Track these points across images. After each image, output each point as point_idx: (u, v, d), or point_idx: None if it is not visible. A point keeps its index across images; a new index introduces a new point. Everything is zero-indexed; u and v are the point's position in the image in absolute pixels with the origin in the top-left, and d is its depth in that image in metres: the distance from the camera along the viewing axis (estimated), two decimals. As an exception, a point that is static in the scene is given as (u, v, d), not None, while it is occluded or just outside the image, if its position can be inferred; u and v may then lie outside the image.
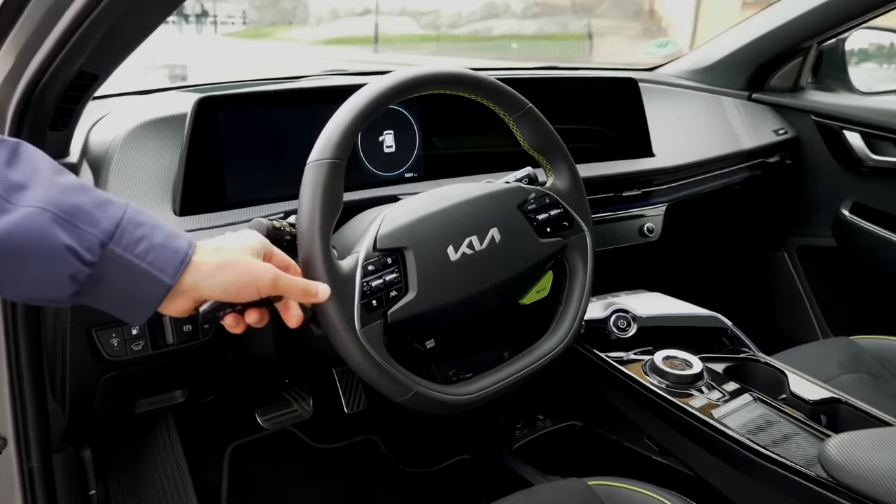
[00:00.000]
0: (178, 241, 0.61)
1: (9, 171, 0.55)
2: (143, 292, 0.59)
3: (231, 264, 0.64)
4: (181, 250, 0.60)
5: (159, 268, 0.59)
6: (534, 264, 0.91)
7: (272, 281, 0.65)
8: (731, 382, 1.11)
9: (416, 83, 0.81)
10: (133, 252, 0.58)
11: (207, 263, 0.62)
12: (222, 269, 0.63)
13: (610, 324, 1.22)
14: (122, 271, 0.58)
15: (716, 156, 1.55)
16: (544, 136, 0.92)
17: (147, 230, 0.59)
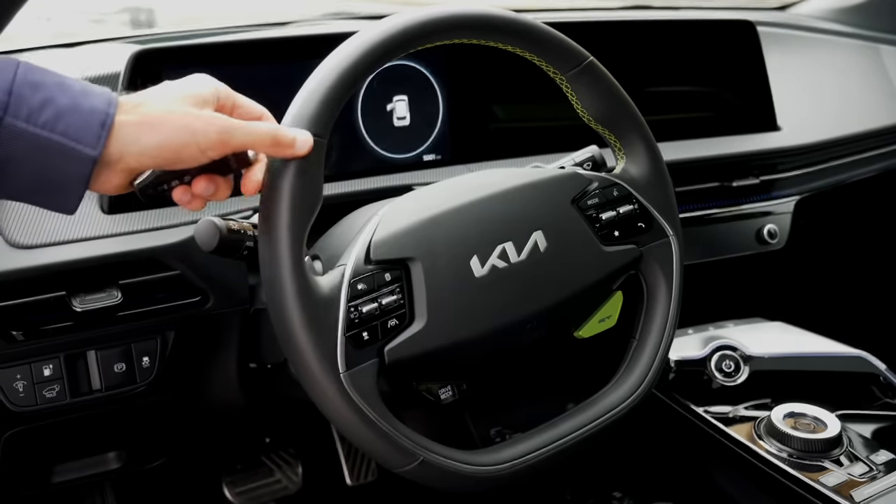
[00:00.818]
0: (92, 99, 0.62)
1: None
2: (62, 172, 0.62)
3: (160, 120, 0.65)
4: (98, 110, 0.62)
5: (74, 137, 0.61)
6: (595, 282, 0.90)
7: (218, 135, 0.67)
8: (883, 452, 1.08)
9: (429, 29, 0.81)
10: (37, 122, 0.59)
11: (130, 123, 0.64)
12: (149, 128, 0.64)
13: (711, 366, 1.20)
14: (30, 149, 0.60)
15: (869, 130, 1.52)
16: (610, 102, 0.91)
17: (50, 92, 0.60)
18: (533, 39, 0.86)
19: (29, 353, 0.92)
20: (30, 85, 0.60)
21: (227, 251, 0.80)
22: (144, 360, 0.98)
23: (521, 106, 1.22)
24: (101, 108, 0.62)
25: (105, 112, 0.62)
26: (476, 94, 1.17)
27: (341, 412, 0.75)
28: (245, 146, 0.70)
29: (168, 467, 1.36)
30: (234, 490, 1.46)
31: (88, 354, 0.95)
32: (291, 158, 0.72)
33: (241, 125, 0.68)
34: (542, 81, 0.95)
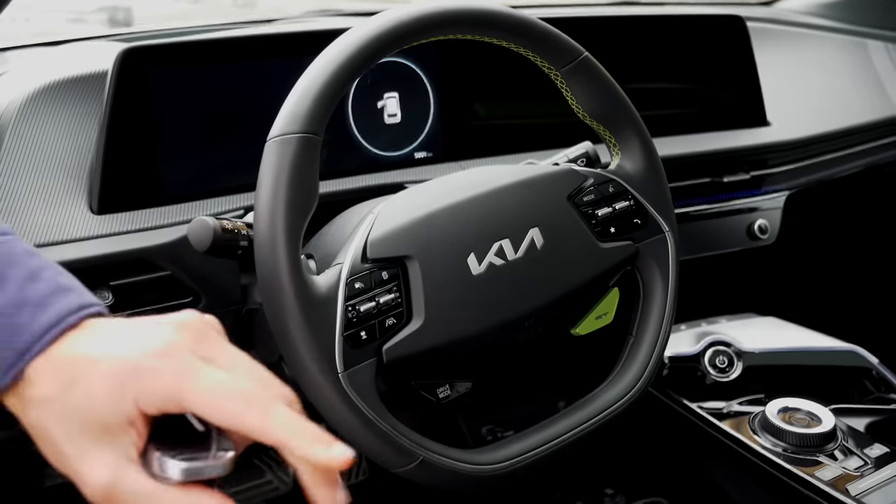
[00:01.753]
0: (29, 311, 0.51)
1: None
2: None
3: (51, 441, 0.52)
4: (28, 332, 0.51)
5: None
6: (591, 279, 0.90)
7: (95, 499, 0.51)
8: (877, 445, 1.08)
9: (423, 25, 0.80)
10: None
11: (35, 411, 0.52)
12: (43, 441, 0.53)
13: (705, 362, 1.20)
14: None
15: (859, 124, 1.53)
16: (605, 97, 0.91)
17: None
18: (527, 35, 0.86)
19: None
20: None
21: (221, 251, 0.80)
22: None
23: (513, 102, 1.21)
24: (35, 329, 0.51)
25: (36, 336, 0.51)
26: (467, 91, 1.17)
27: (340, 413, 0.74)
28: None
29: None
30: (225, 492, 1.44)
31: None
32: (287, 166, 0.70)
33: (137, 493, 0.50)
34: (533, 77, 0.95)
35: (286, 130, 0.74)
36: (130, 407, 0.50)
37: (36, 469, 1.08)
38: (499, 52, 0.88)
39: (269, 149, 0.75)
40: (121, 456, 0.50)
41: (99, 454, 0.50)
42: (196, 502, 0.51)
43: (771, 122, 1.41)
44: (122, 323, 0.54)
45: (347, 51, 0.77)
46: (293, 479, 1.49)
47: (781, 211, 1.39)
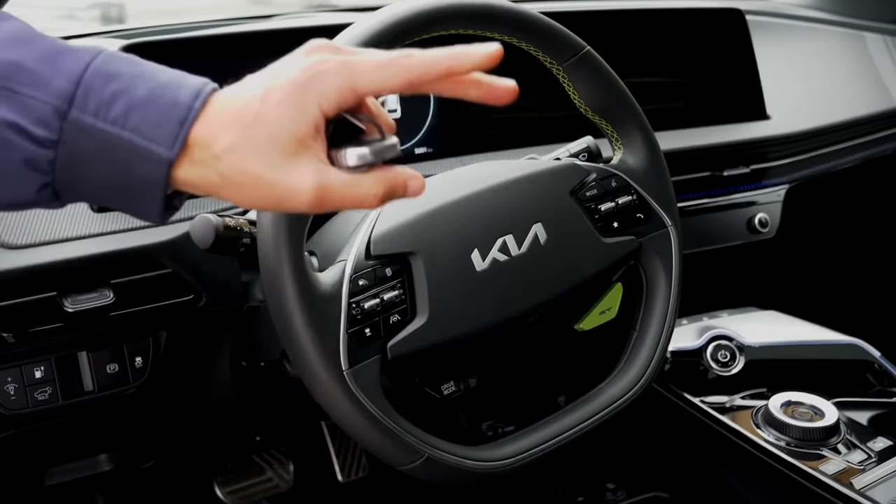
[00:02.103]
0: (174, 91, 0.54)
1: None
2: (134, 175, 0.54)
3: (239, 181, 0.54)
4: (181, 103, 0.53)
5: (148, 134, 0.53)
6: (595, 274, 0.89)
7: (311, 201, 0.55)
8: (881, 439, 1.08)
9: (427, 19, 0.80)
10: (107, 117, 0.52)
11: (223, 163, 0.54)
12: (229, 187, 0.55)
13: (706, 356, 1.20)
14: (100, 148, 0.53)
15: (857, 117, 1.52)
16: (608, 92, 0.91)
17: (125, 83, 0.53)
18: (529, 29, 0.86)
19: (20, 355, 0.90)
20: (104, 75, 0.53)
21: (224, 248, 0.79)
22: (137, 360, 0.96)
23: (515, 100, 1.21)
24: (184, 100, 0.53)
25: (188, 106, 0.53)
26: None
27: (345, 410, 0.74)
28: (343, 205, 0.57)
29: (159, 468, 1.35)
30: (226, 489, 1.45)
31: (80, 356, 0.94)
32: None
33: (340, 188, 0.55)
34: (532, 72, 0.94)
35: None
36: (316, 111, 0.54)
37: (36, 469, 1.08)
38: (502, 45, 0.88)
39: None
40: (318, 161, 0.55)
41: (301, 166, 0.54)
42: (389, 176, 0.57)
43: (770, 115, 1.41)
44: (253, 76, 0.58)
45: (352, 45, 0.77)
46: (293, 477, 1.49)
47: (781, 204, 1.39)
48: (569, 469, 1.47)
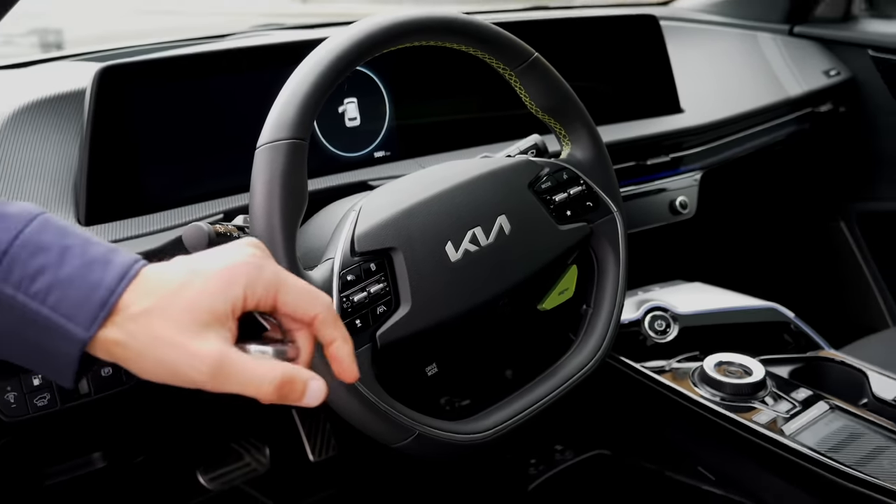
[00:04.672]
0: (101, 270, 0.51)
1: None
2: (50, 349, 0.51)
3: (142, 349, 0.52)
4: (104, 285, 0.51)
5: (65, 313, 0.50)
6: (554, 258, 0.90)
7: (209, 377, 0.52)
8: (802, 389, 1.11)
9: (394, 33, 0.80)
10: (28, 291, 0.50)
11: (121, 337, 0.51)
12: (133, 355, 0.52)
13: (645, 326, 1.21)
14: (15, 318, 0.50)
15: (755, 108, 1.56)
16: (556, 93, 0.91)
17: (52, 257, 0.51)
18: (485, 39, 0.86)
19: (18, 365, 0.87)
20: (32, 247, 0.50)
21: None
22: None
23: (459, 102, 1.21)
24: (109, 282, 0.51)
25: (111, 289, 0.51)
26: (418, 94, 1.16)
27: (342, 397, 0.73)
28: (241, 391, 0.54)
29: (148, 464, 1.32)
30: (207, 476, 1.42)
31: None
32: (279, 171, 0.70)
33: (239, 365, 0.53)
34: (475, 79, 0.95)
35: (275, 137, 0.72)
36: (240, 294, 0.54)
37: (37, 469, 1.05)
38: (444, 57, 0.88)
39: (259, 155, 0.73)
40: (225, 338, 0.53)
41: (209, 337, 0.52)
42: (289, 369, 0.56)
43: (684, 109, 1.43)
44: (185, 257, 0.57)
45: (327, 59, 0.76)
46: (269, 460, 1.47)
47: (698, 188, 1.42)
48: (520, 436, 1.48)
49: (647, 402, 1.16)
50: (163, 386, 0.95)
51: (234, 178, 0.95)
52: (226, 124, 1.00)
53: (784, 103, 1.61)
